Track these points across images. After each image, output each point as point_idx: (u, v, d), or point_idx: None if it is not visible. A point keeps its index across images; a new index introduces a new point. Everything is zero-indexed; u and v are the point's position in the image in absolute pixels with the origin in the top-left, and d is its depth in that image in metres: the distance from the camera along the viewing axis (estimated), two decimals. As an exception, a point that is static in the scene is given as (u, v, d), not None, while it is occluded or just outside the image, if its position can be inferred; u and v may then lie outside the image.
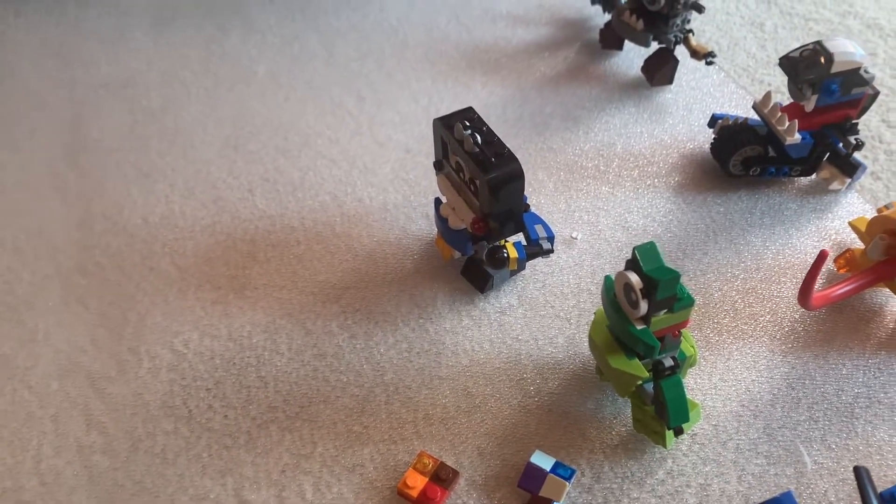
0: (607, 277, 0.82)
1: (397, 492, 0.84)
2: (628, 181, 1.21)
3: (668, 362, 0.82)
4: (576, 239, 1.12)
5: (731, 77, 1.41)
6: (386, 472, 0.87)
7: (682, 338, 0.84)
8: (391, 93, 1.36)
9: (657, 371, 0.82)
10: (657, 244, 0.77)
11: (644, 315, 0.78)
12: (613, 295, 0.81)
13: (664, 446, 0.87)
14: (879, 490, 0.73)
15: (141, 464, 0.87)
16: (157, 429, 0.90)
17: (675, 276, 0.75)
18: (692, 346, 0.86)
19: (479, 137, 0.92)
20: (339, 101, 1.34)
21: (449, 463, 0.87)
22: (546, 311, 1.03)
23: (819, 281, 1.07)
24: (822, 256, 0.82)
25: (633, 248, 0.77)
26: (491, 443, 0.89)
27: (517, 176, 0.91)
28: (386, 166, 1.22)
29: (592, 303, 1.03)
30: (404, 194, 1.18)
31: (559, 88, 1.37)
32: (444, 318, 1.02)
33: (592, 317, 0.95)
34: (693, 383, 0.95)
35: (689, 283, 1.06)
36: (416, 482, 0.83)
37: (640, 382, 0.83)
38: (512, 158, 0.91)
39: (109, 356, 0.97)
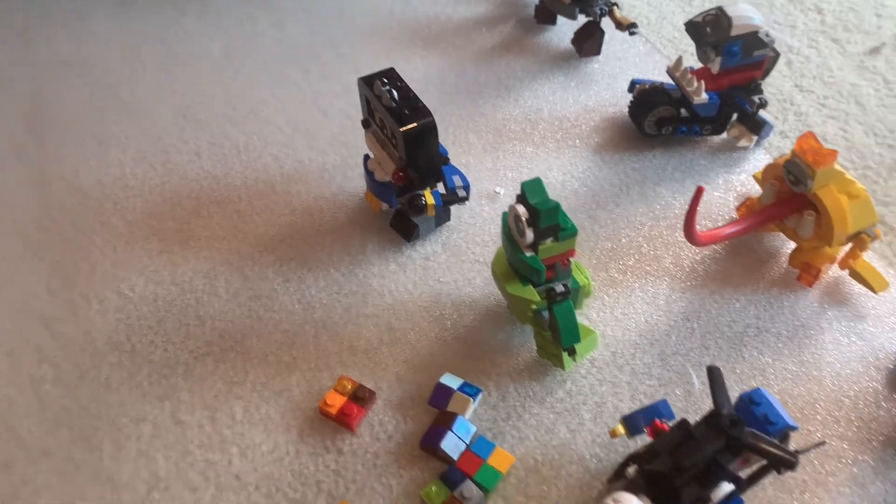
0: (504, 213, 0.91)
1: (319, 410, 0.93)
2: (552, 142, 1.29)
3: (560, 288, 0.91)
4: (499, 194, 1.20)
5: (656, 48, 1.50)
6: (311, 395, 0.95)
7: (572, 267, 0.93)
8: (336, 66, 1.45)
9: (550, 297, 0.91)
10: (555, 190, 0.86)
11: (531, 243, 0.87)
12: (508, 228, 0.90)
13: (563, 368, 0.96)
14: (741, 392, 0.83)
15: (87, 392, 0.96)
16: (102, 362, 0.99)
17: (554, 206, 0.84)
18: (585, 278, 0.95)
19: (395, 93, 1.00)
20: (287, 74, 1.43)
21: (368, 387, 0.95)
22: (467, 257, 1.11)
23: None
24: (698, 191, 0.91)
25: (521, 184, 0.86)
26: (408, 370, 0.98)
27: (430, 128, 1.00)
28: (327, 131, 1.31)
29: (509, 248, 1.12)
30: (342, 156, 1.26)
31: (494, 60, 1.46)
32: (373, 264, 1.10)
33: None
34: (595, 316, 1.04)
35: (599, 230, 1.15)
36: (336, 401, 0.92)
37: (534, 307, 0.92)
38: (426, 112, 1.00)
39: (62, 301, 1.06)
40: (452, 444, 0.88)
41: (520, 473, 0.88)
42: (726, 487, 0.74)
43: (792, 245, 1.12)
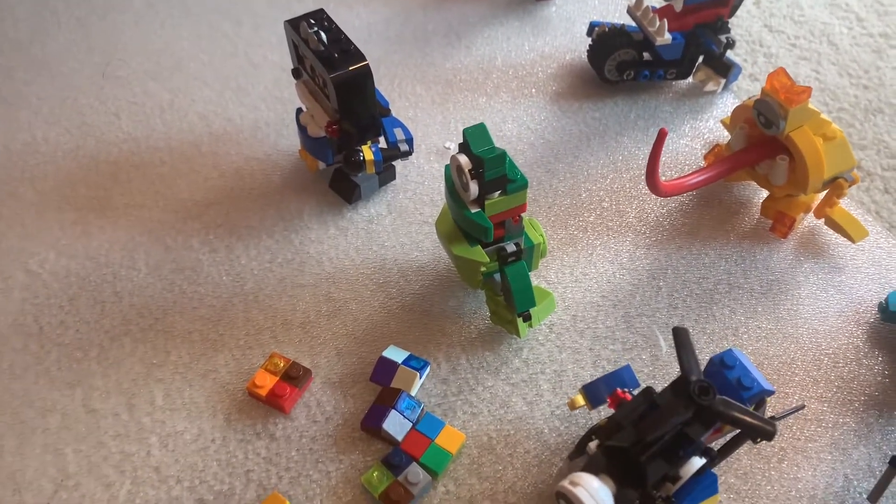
0: (446, 166, 0.81)
1: (247, 391, 0.83)
2: (506, 92, 1.20)
3: (511, 248, 0.82)
4: (449, 149, 1.11)
5: (616, -11, 1.40)
6: (240, 375, 0.86)
7: (525, 224, 0.84)
8: (270, 16, 1.33)
9: (501, 258, 0.82)
10: (493, 133, 0.77)
11: (477, 197, 0.77)
12: (452, 182, 0.81)
13: (518, 335, 0.87)
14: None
15: (-13, 381, 0.85)
16: (5, 347, 0.88)
17: (500, 154, 0.74)
18: (540, 235, 0.86)
19: (324, 36, 0.90)
20: (216, 25, 1.31)
21: (305, 364, 0.86)
22: (414, 218, 1.02)
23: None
24: (661, 135, 0.82)
25: (463, 130, 0.76)
26: (349, 343, 0.89)
27: (364, 73, 0.90)
28: (260, 86, 1.20)
29: (459, 206, 1.02)
30: (277, 112, 1.15)
31: (443, 6, 1.35)
32: (310, 230, 1.00)
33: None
34: (554, 277, 0.95)
35: (558, 184, 1.06)
36: (266, 381, 0.83)
37: (484, 270, 0.83)
38: (359, 55, 0.90)
39: (-39, 280, 0.94)
40: (396, 424, 0.79)
41: (472, 452, 0.80)
42: (696, 462, 0.66)
43: (764, 194, 1.03)
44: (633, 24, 1.17)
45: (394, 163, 1.04)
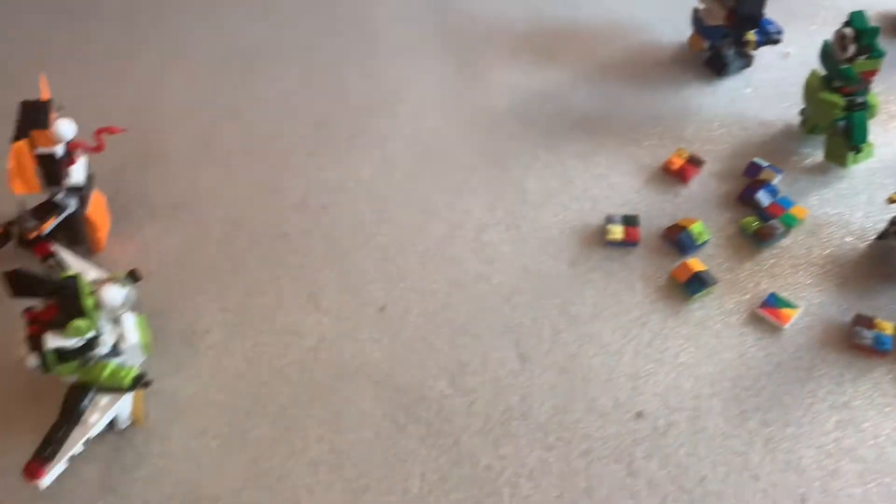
0: (825, 41, 1.24)
1: (663, 167, 1.31)
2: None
3: (860, 99, 1.24)
4: (789, 54, 1.53)
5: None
6: (654, 160, 1.33)
7: (870, 91, 1.25)
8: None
9: (850, 105, 1.24)
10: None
11: (850, 56, 1.20)
12: (827, 50, 1.23)
13: (844, 165, 1.29)
14: None
15: (495, 139, 1.39)
16: (503, 121, 1.41)
17: (876, 29, 1.16)
18: (876, 99, 1.27)
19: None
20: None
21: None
22: (763, 92, 1.45)
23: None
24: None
25: (850, 13, 1.19)
26: (731, 156, 1.34)
27: (764, -19, 1.34)
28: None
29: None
30: (671, 11, 1.61)
31: None
32: (690, 89, 1.47)
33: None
34: (875, 138, 1.34)
35: (875, 85, 1.45)
36: (676, 162, 1.30)
37: (836, 112, 1.25)
38: (763, -30, 1.34)
39: (468, 84, 1.49)
40: (764, 197, 1.24)
41: (810, 225, 1.23)
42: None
43: None
44: None
45: (754, 53, 1.48)
